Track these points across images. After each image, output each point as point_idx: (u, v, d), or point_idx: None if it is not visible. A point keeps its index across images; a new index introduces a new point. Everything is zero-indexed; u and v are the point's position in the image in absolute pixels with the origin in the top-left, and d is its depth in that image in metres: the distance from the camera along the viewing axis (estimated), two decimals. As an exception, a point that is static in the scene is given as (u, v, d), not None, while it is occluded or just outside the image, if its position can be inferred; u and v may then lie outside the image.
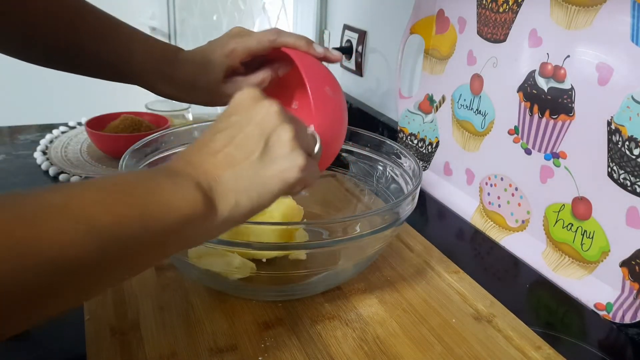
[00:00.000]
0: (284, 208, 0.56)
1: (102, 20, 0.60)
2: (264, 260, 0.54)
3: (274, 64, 0.61)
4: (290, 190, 0.39)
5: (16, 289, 0.26)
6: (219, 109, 0.80)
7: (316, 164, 0.42)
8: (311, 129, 0.43)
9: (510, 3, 0.66)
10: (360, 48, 1.10)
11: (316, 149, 0.42)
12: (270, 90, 0.61)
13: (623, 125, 0.53)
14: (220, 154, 0.37)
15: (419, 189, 0.53)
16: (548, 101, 0.61)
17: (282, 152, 0.38)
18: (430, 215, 0.78)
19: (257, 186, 0.37)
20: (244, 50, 0.59)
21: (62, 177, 0.77)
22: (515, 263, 0.65)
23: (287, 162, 0.38)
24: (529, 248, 0.65)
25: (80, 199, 0.30)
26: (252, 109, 0.39)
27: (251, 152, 0.37)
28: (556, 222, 0.62)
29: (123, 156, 0.53)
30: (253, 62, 0.61)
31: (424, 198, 0.81)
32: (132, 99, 0.67)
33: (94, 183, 0.32)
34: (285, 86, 0.62)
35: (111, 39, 0.60)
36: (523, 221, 0.67)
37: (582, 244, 0.59)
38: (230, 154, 0.37)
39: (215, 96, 0.62)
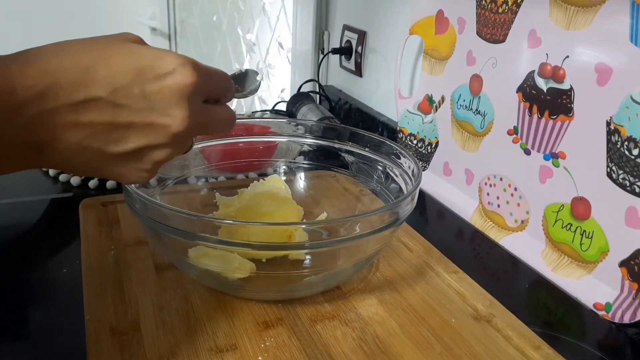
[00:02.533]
0: (283, 208, 0.56)
1: None
2: (264, 260, 0.54)
3: None
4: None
5: None
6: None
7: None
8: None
9: (510, 3, 0.66)
10: (359, 48, 1.10)
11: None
12: None
13: (622, 126, 0.53)
14: (82, 129, 0.34)
15: (418, 189, 0.53)
16: (547, 101, 0.62)
17: (143, 167, 0.37)
18: (429, 215, 0.78)
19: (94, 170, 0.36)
20: None
21: (62, 177, 0.77)
22: (514, 263, 0.65)
23: (135, 177, 0.38)
24: (528, 248, 0.65)
25: None
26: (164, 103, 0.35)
27: (114, 146, 0.35)
28: (555, 222, 0.62)
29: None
30: None
31: (424, 198, 0.81)
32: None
33: None
34: None
35: None
36: (522, 221, 0.67)
37: (581, 244, 0.59)
38: (93, 136, 0.34)
39: None
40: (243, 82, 0.46)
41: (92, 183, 0.76)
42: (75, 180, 0.76)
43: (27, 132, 0.33)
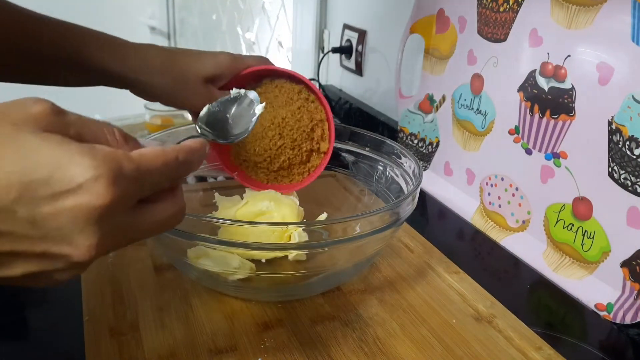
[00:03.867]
0: (283, 208, 0.56)
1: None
2: (264, 260, 0.54)
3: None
4: None
5: None
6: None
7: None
8: None
9: (511, 2, 0.66)
10: (360, 48, 1.10)
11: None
12: None
13: (624, 125, 0.53)
14: None
15: (419, 189, 0.52)
16: (548, 101, 0.61)
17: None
18: (430, 216, 0.78)
19: None
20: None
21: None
22: (515, 263, 0.65)
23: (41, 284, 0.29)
24: (530, 248, 0.65)
25: None
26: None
27: None
28: (557, 222, 0.62)
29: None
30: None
31: (424, 198, 0.81)
32: (131, 99, 0.67)
33: None
34: None
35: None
36: (523, 221, 0.67)
37: (582, 244, 0.59)
38: None
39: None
40: (234, 110, 0.38)
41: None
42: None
43: None
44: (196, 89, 0.59)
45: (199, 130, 0.39)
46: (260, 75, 0.61)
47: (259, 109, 0.39)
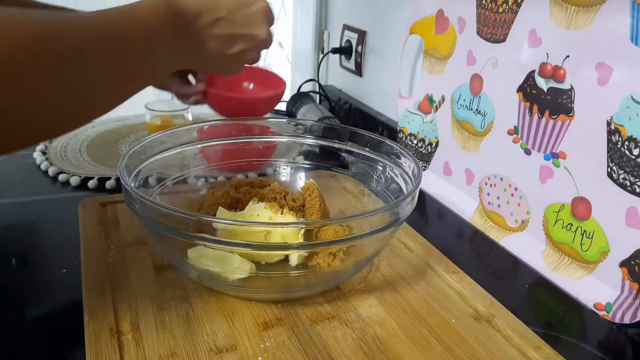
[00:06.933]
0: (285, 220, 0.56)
1: None
2: (263, 262, 0.54)
3: None
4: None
5: None
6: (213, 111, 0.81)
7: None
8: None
9: (510, 3, 0.66)
10: (359, 48, 1.10)
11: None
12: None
13: (623, 125, 0.53)
14: (215, 38, 0.54)
15: (418, 189, 0.53)
16: (548, 101, 0.61)
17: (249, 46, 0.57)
18: (429, 216, 0.78)
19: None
20: None
21: (61, 177, 0.77)
22: (514, 263, 0.65)
23: (235, 70, 0.59)
24: (529, 248, 0.65)
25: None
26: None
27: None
28: (556, 222, 0.62)
29: (121, 157, 0.53)
30: None
31: (424, 198, 0.81)
32: (131, 99, 0.68)
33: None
34: None
35: None
36: (523, 221, 0.67)
37: (581, 244, 0.59)
38: (221, 43, 0.55)
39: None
40: None
41: (92, 183, 0.76)
42: (74, 180, 0.76)
43: (191, 40, 0.52)
44: None
45: None
46: None
47: None
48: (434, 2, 0.80)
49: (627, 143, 0.53)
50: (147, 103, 0.92)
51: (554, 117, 0.61)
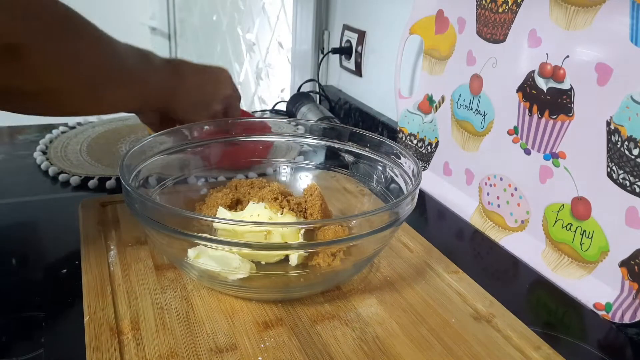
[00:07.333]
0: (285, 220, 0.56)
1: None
2: (263, 262, 0.54)
3: None
4: None
5: None
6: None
7: None
8: None
9: (510, 3, 0.66)
10: (359, 48, 1.10)
11: None
12: None
13: (622, 126, 0.53)
14: None
15: (418, 189, 0.53)
16: (547, 101, 0.61)
17: None
18: (429, 216, 0.78)
19: None
20: None
21: (61, 177, 0.77)
22: (514, 263, 0.65)
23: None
24: (529, 248, 0.65)
25: None
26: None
27: None
28: (555, 222, 0.62)
29: (122, 157, 0.53)
30: None
31: (424, 198, 0.81)
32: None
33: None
34: None
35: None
36: (522, 221, 0.67)
37: (581, 244, 0.59)
38: None
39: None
40: None
41: (92, 183, 0.76)
42: (75, 180, 0.76)
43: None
44: None
45: None
46: None
47: None
48: (434, 2, 0.80)
49: (626, 143, 0.53)
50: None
51: (554, 117, 0.61)
